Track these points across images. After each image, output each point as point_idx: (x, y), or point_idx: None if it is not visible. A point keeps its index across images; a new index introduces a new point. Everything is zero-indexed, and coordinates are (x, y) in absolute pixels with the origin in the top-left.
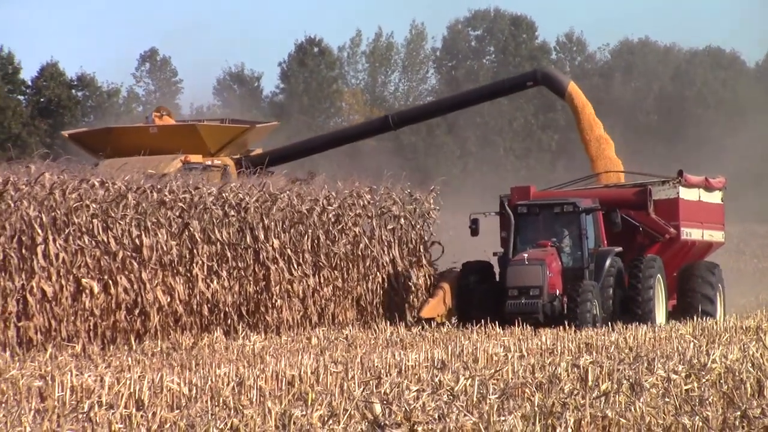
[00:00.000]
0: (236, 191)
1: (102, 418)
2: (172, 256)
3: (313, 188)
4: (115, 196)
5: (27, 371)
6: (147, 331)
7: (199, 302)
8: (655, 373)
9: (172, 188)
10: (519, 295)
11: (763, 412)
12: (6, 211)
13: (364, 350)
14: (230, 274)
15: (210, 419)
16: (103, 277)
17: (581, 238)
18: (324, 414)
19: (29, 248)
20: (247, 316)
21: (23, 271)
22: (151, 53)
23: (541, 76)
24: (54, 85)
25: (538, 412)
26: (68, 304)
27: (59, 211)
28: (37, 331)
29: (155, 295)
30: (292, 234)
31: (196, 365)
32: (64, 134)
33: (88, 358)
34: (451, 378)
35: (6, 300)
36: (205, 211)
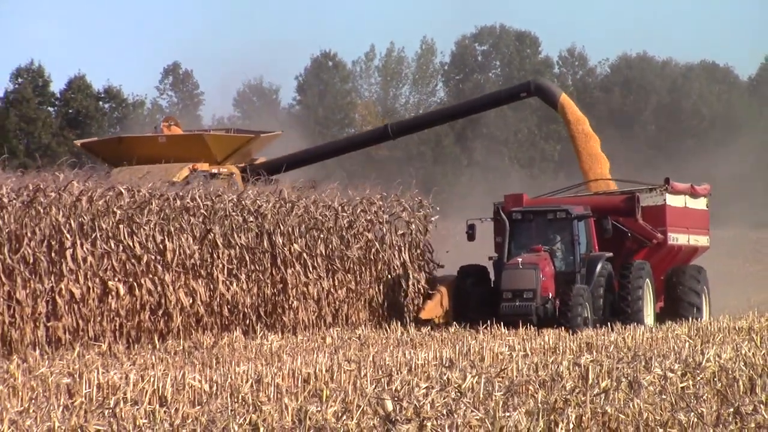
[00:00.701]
0: (255, 198)
1: (127, 414)
2: (194, 259)
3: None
4: (139, 202)
5: (56, 369)
6: (170, 330)
7: (219, 303)
8: (652, 372)
9: (194, 196)
10: (513, 297)
11: (755, 408)
12: (36, 217)
13: (376, 349)
14: (249, 277)
15: (230, 415)
16: (129, 279)
17: (573, 244)
18: (338, 410)
19: (58, 252)
20: (265, 316)
21: (52, 273)
22: (174, 67)
23: (534, 87)
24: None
25: (542, 408)
26: (95, 305)
27: (86, 216)
28: (66, 331)
29: (178, 296)
30: (308, 239)
31: (217, 363)
32: (76, 143)
33: (114, 356)
34: (458, 376)
35: (36, 301)
36: (225, 217)
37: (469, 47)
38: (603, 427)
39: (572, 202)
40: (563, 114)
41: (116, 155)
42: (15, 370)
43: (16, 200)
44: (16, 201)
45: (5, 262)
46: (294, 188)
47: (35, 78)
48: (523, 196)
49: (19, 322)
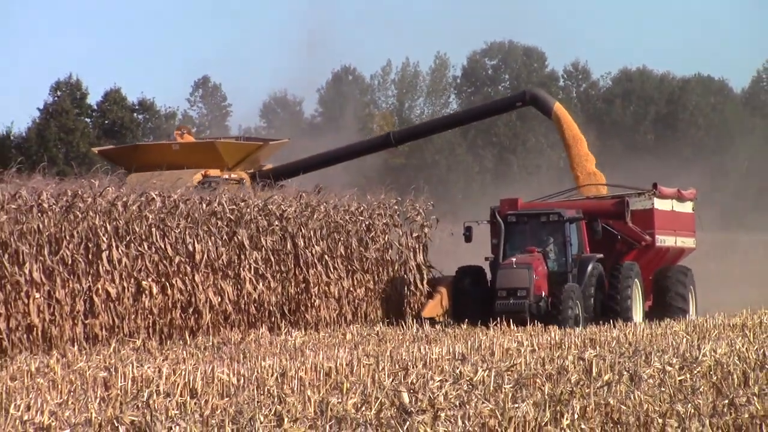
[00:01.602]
0: (279, 203)
1: (160, 405)
2: (222, 261)
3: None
4: (170, 207)
5: (93, 363)
6: (200, 327)
7: (246, 302)
8: (652, 366)
9: (221, 200)
10: (507, 296)
11: (748, 400)
12: (74, 221)
13: (393, 345)
14: (274, 277)
15: (256, 406)
16: (161, 279)
17: (565, 245)
18: (358, 401)
19: (95, 254)
20: (289, 314)
21: (90, 274)
22: (203, 80)
23: (529, 97)
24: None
25: (548, 399)
26: (130, 304)
27: (121, 220)
28: (102, 328)
29: (207, 295)
30: (329, 241)
31: (244, 358)
32: (94, 150)
33: (148, 351)
34: (470, 369)
35: (74, 300)
36: (251, 221)
37: (479, 62)
38: (606, 417)
39: (565, 206)
40: (557, 122)
41: (132, 162)
42: (55, 365)
43: (55, 205)
44: (56, 206)
45: (46, 264)
46: (308, 193)
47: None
48: (518, 200)
49: (59, 320)
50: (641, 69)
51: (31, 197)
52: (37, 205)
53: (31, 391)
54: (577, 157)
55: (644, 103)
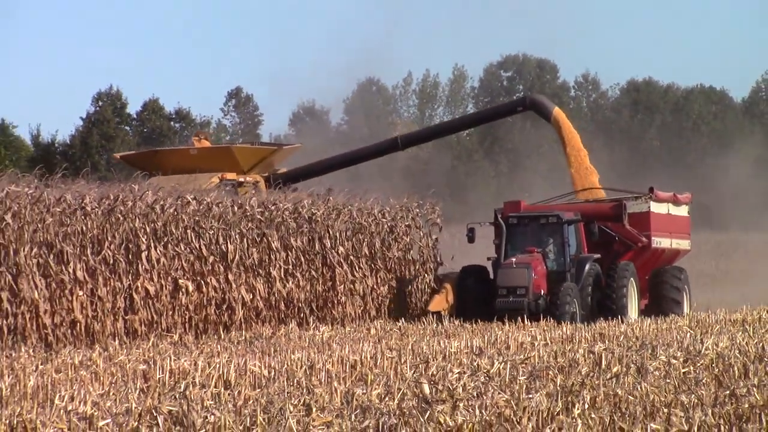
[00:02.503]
0: (308, 207)
1: (196, 396)
2: (253, 260)
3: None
4: (204, 210)
5: (133, 357)
6: (233, 323)
7: (276, 299)
8: (657, 358)
9: (252, 203)
10: (507, 294)
11: (748, 391)
12: (115, 223)
13: (415, 339)
14: (303, 276)
15: (286, 397)
16: (196, 278)
17: (564, 246)
18: (381, 392)
19: (135, 254)
20: (316, 310)
21: (130, 273)
22: (236, 91)
23: (530, 102)
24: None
25: (560, 390)
26: (167, 301)
27: (159, 222)
28: (142, 323)
29: (240, 293)
30: (354, 242)
31: (275, 351)
32: (116, 156)
33: (184, 345)
34: (487, 362)
35: (115, 297)
36: (281, 222)
37: (495, 73)
38: (614, 407)
39: (564, 209)
40: (556, 127)
41: (152, 166)
42: (97, 358)
43: (98, 208)
44: (98, 209)
45: (89, 263)
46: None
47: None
48: (521, 202)
49: (101, 316)
50: (647, 80)
51: (75, 201)
52: (80, 208)
53: (74, 383)
54: (575, 162)
55: (650, 111)
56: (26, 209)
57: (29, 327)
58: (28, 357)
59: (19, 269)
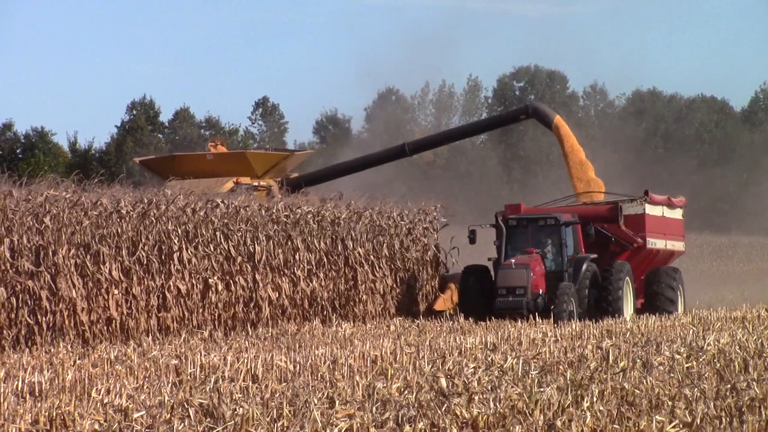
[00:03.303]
0: (331, 210)
1: (225, 389)
2: (279, 261)
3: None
4: (233, 213)
5: (165, 352)
6: (260, 320)
7: (301, 297)
8: (662, 354)
9: (279, 207)
10: (507, 294)
11: (748, 385)
12: (149, 225)
13: (432, 335)
14: (326, 275)
15: (310, 390)
16: (225, 277)
17: (561, 247)
18: (401, 386)
19: (167, 255)
20: (339, 308)
21: (162, 272)
22: (263, 100)
23: (532, 110)
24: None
25: (570, 384)
26: (198, 299)
27: (190, 225)
28: (174, 320)
29: (266, 291)
30: (374, 243)
31: (299, 347)
32: (135, 160)
33: (214, 341)
34: (501, 357)
35: (149, 295)
36: (305, 225)
37: (508, 84)
38: (621, 400)
39: (563, 211)
40: (557, 133)
41: (170, 171)
42: (131, 353)
43: (132, 211)
44: (133, 212)
45: (123, 263)
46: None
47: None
48: (521, 205)
49: (135, 313)
50: (652, 90)
51: (111, 204)
52: (116, 211)
53: (110, 377)
54: (574, 166)
55: (655, 120)
56: (64, 212)
57: (67, 324)
58: (67, 352)
59: (57, 269)
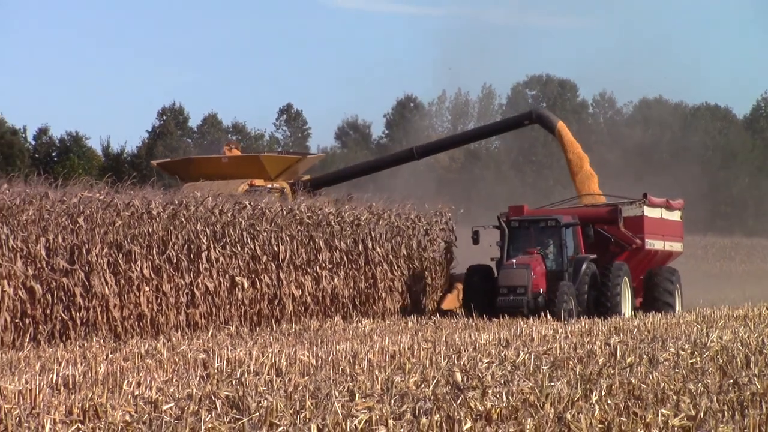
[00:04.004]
0: (351, 211)
1: (250, 382)
2: (302, 260)
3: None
4: (258, 214)
5: (194, 347)
6: (284, 316)
7: (323, 295)
8: (667, 350)
9: (301, 208)
10: (508, 292)
11: (749, 380)
12: (179, 226)
13: (448, 331)
14: (347, 274)
15: (332, 383)
16: (251, 275)
17: (562, 247)
18: (418, 380)
19: (196, 254)
20: (359, 305)
21: (191, 271)
22: (287, 107)
23: (535, 116)
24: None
25: (579, 379)
26: (225, 296)
27: (218, 225)
28: (202, 316)
29: (290, 289)
30: (393, 243)
31: (321, 342)
32: (153, 163)
33: (240, 336)
34: (513, 353)
35: (178, 293)
36: (327, 225)
37: (521, 92)
38: (628, 394)
39: (564, 213)
40: (560, 139)
41: (187, 173)
42: (161, 348)
43: (163, 212)
44: (163, 213)
45: (154, 262)
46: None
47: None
48: (524, 207)
49: (165, 310)
50: (658, 98)
51: (142, 205)
52: (147, 212)
53: (141, 370)
54: (579, 173)
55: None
56: (98, 213)
57: (100, 319)
58: (99, 346)
59: (91, 267)
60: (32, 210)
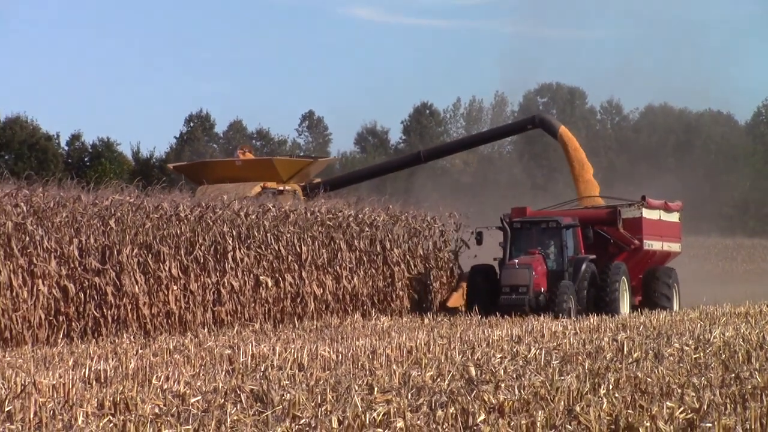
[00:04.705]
0: (369, 213)
1: (274, 377)
2: (323, 260)
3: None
4: (282, 216)
5: (220, 343)
6: (306, 313)
7: (343, 293)
8: (672, 346)
9: (322, 211)
10: (510, 291)
11: (751, 374)
12: (205, 228)
13: (462, 328)
14: (366, 273)
15: (352, 378)
16: (275, 274)
17: (562, 248)
18: (434, 374)
19: (222, 254)
20: (377, 303)
21: (217, 270)
22: (309, 114)
23: (538, 120)
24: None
25: (588, 373)
26: (250, 294)
27: (243, 227)
28: (227, 314)
29: (311, 288)
30: (410, 244)
31: (341, 339)
32: (169, 166)
33: (264, 333)
34: (525, 348)
35: (205, 291)
36: (347, 227)
37: (532, 99)
38: (635, 388)
39: (565, 214)
40: (562, 143)
41: (202, 176)
42: (189, 344)
43: (190, 215)
44: (191, 215)
45: (182, 262)
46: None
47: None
48: (527, 209)
49: (192, 307)
50: (663, 105)
51: (171, 208)
52: (175, 214)
53: (169, 366)
54: (578, 172)
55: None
56: (128, 215)
57: (130, 317)
58: (130, 343)
59: (121, 267)
60: (66, 212)
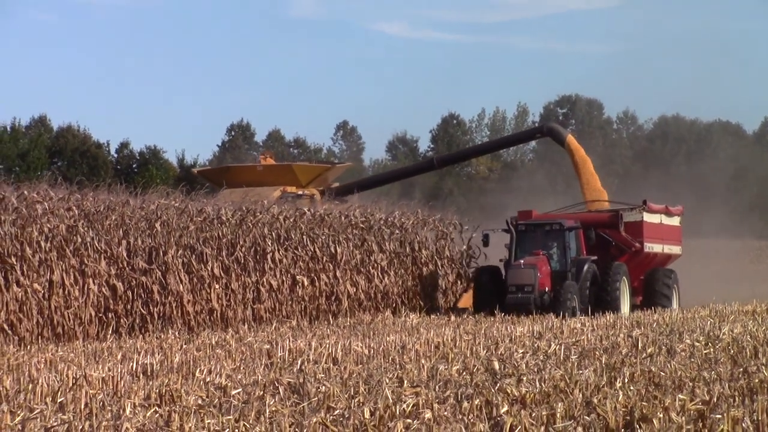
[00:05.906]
0: (399, 217)
1: (309, 370)
2: (356, 260)
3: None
4: (317, 219)
5: (259, 338)
6: (340, 311)
7: (375, 292)
8: (684, 342)
9: (355, 214)
10: (516, 291)
11: (758, 368)
12: (246, 230)
13: (487, 325)
14: (396, 273)
15: (383, 371)
16: (311, 274)
17: (565, 249)
18: (460, 368)
19: (261, 255)
20: (407, 301)
21: (257, 270)
22: (343, 123)
23: (546, 129)
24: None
25: (605, 367)
26: (287, 293)
27: (281, 230)
28: (266, 311)
29: (345, 287)
30: (437, 246)
31: (373, 334)
32: (193, 171)
33: (300, 329)
34: (545, 344)
35: (245, 290)
36: (378, 230)
37: (552, 110)
38: (649, 381)
39: (568, 217)
40: (569, 151)
41: (225, 180)
42: (230, 339)
43: (232, 218)
44: (232, 219)
45: (224, 262)
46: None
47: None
48: (533, 211)
49: (233, 305)
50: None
51: (213, 212)
52: (217, 217)
53: (211, 360)
54: (584, 178)
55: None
56: (173, 219)
57: (175, 314)
58: (174, 338)
59: (167, 267)
60: (115, 216)
